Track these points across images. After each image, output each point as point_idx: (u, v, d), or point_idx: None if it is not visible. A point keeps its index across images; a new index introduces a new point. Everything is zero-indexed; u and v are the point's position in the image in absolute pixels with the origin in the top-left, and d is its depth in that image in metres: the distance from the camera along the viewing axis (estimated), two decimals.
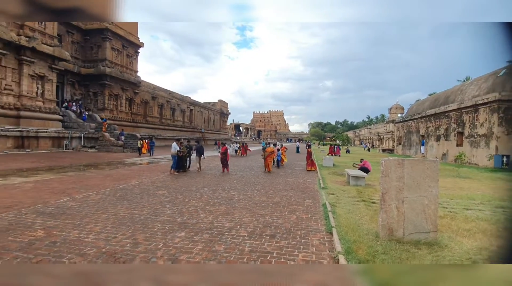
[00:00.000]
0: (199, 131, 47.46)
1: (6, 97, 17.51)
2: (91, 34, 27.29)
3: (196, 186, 8.26)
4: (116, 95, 28.41)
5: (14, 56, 17.87)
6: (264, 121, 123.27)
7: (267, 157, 12.25)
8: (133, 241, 3.81)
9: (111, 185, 7.95)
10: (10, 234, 3.97)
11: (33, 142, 18.41)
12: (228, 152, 12.74)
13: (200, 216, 5.10)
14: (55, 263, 3.14)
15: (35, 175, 9.39)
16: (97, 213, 5.13)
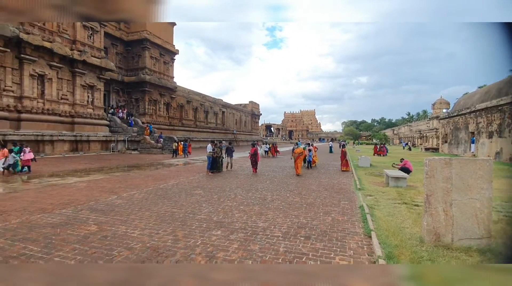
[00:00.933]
0: (232, 133, 48.50)
1: (63, 106, 19.67)
2: (132, 45, 29.46)
3: (230, 187, 8.47)
4: (155, 101, 30.28)
5: (69, 68, 20.02)
6: (295, 121, 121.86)
7: (296, 158, 11.37)
8: (174, 238, 4.04)
9: (152, 185, 8.50)
10: (69, 228, 4.46)
11: (85, 145, 20.41)
12: (258, 153, 12.80)
13: (234, 216, 5.22)
14: (103, 259, 3.44)
15: (87, 175, 10.40)
16: (141, 210, 5.53)
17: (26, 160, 10.63)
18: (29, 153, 10.80)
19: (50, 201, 6.25)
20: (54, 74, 19.01)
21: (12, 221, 4.73)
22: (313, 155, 14.32)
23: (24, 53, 16.93)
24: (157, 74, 30.56)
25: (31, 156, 10.90)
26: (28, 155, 10.75)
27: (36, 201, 6.23)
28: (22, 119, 16.87)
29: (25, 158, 10.61)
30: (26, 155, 10.67)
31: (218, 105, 45.57)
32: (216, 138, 36.13)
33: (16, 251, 3.53)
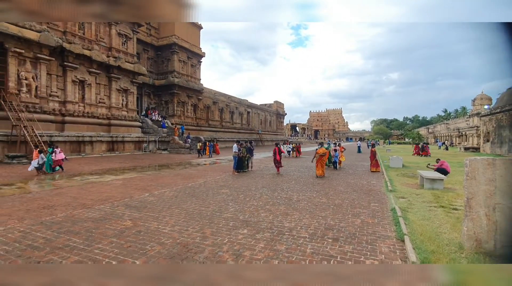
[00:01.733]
0: (257, 133, 48.74)
1: (101, 109, 21.15)
2: (162, 50, 30.82)
3: (256, 186, 8.52)
4: (183, 102, 31.40)
5: (105, 74, 21.47)
6: (321, 120, 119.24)
7: (318, 159, 10.47)
8: (202, 235, 4.17)
9: (181, 184, 8.83)
10: (107, 222, 4.79)
11: (120, 145, 21.75)
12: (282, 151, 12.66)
13: (260, 215, 5.25)
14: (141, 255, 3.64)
15: (122, 174, 11.07)
16: (171, 208, 5.77)
17: (58, 160, 11.10)
18: (60, 154, 11.26)
19: (90, 197, 6.76)
20: (93, 79, 20.51)
21: (58, 215, 5.19)
22: (339, 156, 13.66)
23: (67, 61, 18.48)
24: (185, 77, 31.65)
25: (62, 156, 11.42)
26: (59, 155, 11.20)
27: (78, 197, 6.78)
28: (65, 122, 18.42)
29: (57, 158, 11.06)
30: (58, 155, 11.12)
31: (243, 106, 46.05)
32: (241, 138, 36.53)
33: (61, 242, 3.87)
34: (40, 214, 5.21)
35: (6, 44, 15.11)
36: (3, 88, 15.34)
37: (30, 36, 15.76)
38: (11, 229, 4.36)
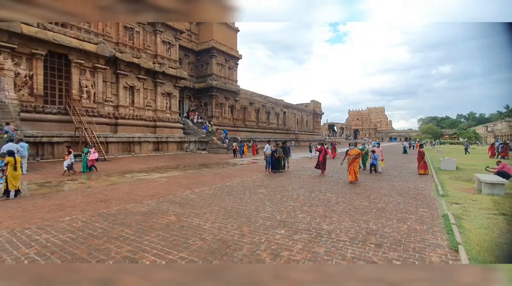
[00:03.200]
0: (293, 133, 48.22)
1: (147, 112, 22.90)
2: (201, 54, 32.24)
3: (293, 187, 8.46)
4: (221, 104, 32.46)
5: (152, 79, 23.18)
6: (361, 119, 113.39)
7: (350, 162, 9.29)
8: (240, 233, 4.28)
9: (219, 182, 9.15)
10: (154, 217, 5.18)
11: (164, 146, 23.29)
12: (328, 152, 12.19)
13: (297, 216, 5.21)
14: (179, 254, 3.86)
15: (166, 172, 11.85)
16: (211, 205, 6.02)
17: (91, 160, 11.39)
18: (94, 154, 11.55)
19: (139, 193, 7.37)
20: (141, 85, 22.29)
21: (113, 208, 5.77)
22: (379, 158, 12.02)
23: (119, 69, 20.38)
24: (223, 79, 32.68)
25: (96, 156, 11.77)
26: (93, 155, 11.50)
27: (129, 192, 7.44)
28: (118, 124, 20.32)
29: (91, 158, 11.35)
30: (91, 155, 11.39)
31: (279, 106, 45.92)
32: (277, 139, 36.51)
33: (116, 233, 4.30)
34: (98, 207, 5.85)
35: (70, 56, 17.21)
36: (68, 95, 17.50)
37: (89, 48, 17.73)
38: (75, 219, 4.97)
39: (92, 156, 11.37)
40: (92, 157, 11.40)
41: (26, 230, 4.36)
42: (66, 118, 16.77)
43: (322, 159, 11.60)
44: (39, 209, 5.61)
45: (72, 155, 10.65)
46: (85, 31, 18.07)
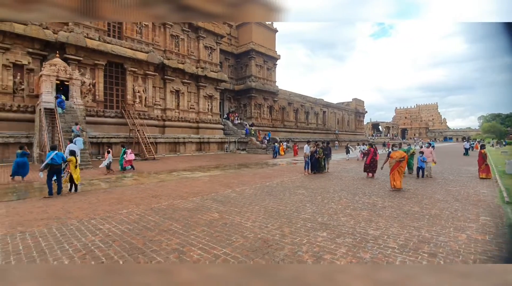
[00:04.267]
0: (333, 133, 46.56)
1: (191, 114, 24.22)
2: (241, 57, 33.02)
3: (334, 188, 8.19)
4: (260, 105, 32.83)
5: (195, 83, 24.47)
6: (410, 118, 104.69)
7: (394, 166, 8.04)
8: (281, 233, 4.30)
9: (259, 182, 9.28)
10: (198, 213, 5.48)
11: (206, 146, 24.40)
12: (377, 154, 11.18)
13: (340, 219, 5.04)
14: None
15: (209, 171, 12.40)
16: (252, 204, 6.15)
17: (129, 160, 11.80)
18: (130, 154, 11.89)
19: (185, 190, 7.85)
20: (185, 89, 23.68)
21: (162, 203, 6.24)
22: (428, 160, 10.57)
23: (166, 75, 21.94)
24: (261, 80, 33.02)
25: (133, 157, 12.11)
26: (130, 156, 11.86)
27: (176, 189, 7.97)
28: (165, 126, 21.88)
29: (128, 158, 11.75)
30: (129, 156, 11.78)
31: (319, 105, 44.74)
32: (317, 139, 35.60)
33: (166, 226, 4.64)
34: (150, 202, 6.38)
35: (125, 65, 19.05)
36: (123, 100, 19.39)
37: (141, 57, 19.41)
38: (131, 213, 5.50)
39: (129, 157, 11.79)
40: (129, 158, 11.82)
41: (91, 220, 4.97)
42: (122, 121, 18.60)
43: (370, 161, 10.93)
44: (101, 202, 6.33)
45: (110, 155, 11.41)
46: (138, 42, 19.83)
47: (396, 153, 8.31)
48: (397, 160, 8.03)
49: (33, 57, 15.48)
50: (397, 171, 7.97)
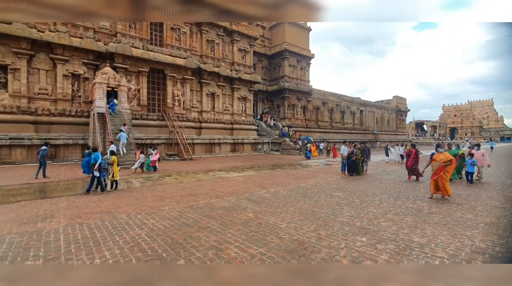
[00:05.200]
0: (371, 133, 44.19)
1: (225, 116, 24.90)
2: (274, 58, 33.06)
3: (373, 192, 7.78)
4: (293, 105, 32.51)
5: (229, 86, 25.11)
6: (460, 116, 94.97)
7: (437, 170, 6.90)
8: (317, 235, 4.22)
9: (293, 183, 9.19)
10: (234, 212, 5.61)
11: (240, 147, 24.86)
12: (419, 156, 10.33)
13: (381, 224, 4.78)
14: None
15: (243, 171, 12.62)
16: (286, 205, 6.12)
17: (153, 161, 12.08)
18: (155, 155, 12.15)
19: (221, 189, 8.10)
20: (220, 91, 24.42)
21: (200, 202, 6.52)
22: (482, 164, 9.48)
23: (202, 78, 22.86)
24: (295, 80, 32.68)
25: (157, 158, 12.32)
26: (155, 157, 12.13)
27: (212, 188, 8.26)
28: (202, 128, 22.79)
29: (153, 159, 12.06)
30: (153, 157, 12.08)
31: (356, 104, 42.83)
32: (353, 139, 34.13)
33: (204, 224, 4.84)
34: (189, 200, 6.71)
35: (165, 71, 20.28)
36: (164, 104, 20.65)
37: (180, 63, 20.50)
38: (172, 209, 5.84)
39: (154, 157, 12.12)
40: (154, 158, 12.14)
41: (138, 215, 5.38)
42: (162, 123, 19.82)
43: (411, 164, 10.17)
44: (146, 199, 6.82)
45: (142, 155, 12.09)
46: (177, 48, 20.98)
47: (440, 155, 7.11)
48: (442, 163, 6.88)
49: (88, 67, 17.26)
50: (442, 177, 6.78)
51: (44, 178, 9.94)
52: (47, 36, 15.49)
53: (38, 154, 10.19)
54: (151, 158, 12.10)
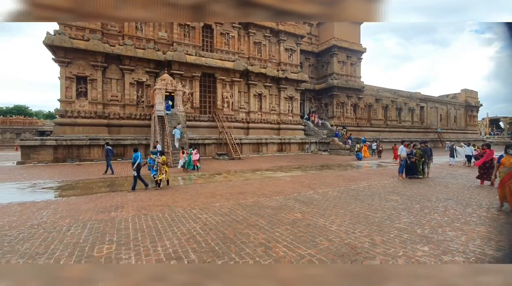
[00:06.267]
0: (434, 131, 39.56)
1: (272, 116, 25.07)
2: (321, 55, 32.06)
3: (437, 197, 6.99)
4: (342, 103, 31.04)
5: (276, 86, 25.21)
6: None
7: (505, 178, 5.88)
8: (371, 241, 3.98)
9: (343, 185, 8.80)
10: (281, 212, 5.63)
11: (286, 147, 24.76)
12: (493, 158, 8.92)
13: (447, 234, 4.28)
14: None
15: (290, 171, 12.55)
16: (336, 208, 5.91)
17: (194, 160, 12.58)
18: (195, 155, 12.62)
19: (268, 189, 8.20)
20: (267, 91, 24.69)
21: (249, 200, 6.71)
22: None
23: (250, 80, 23.42)
24: (344, 77, 31.17)
25: (197, 157, 12.77)
26: (195, 156, 12.60)
27: (260, 187, 8.42)
28: (249, 128, 23.37)
29: (194, 158, 12.52)
30: (193, 156, 12.54)
31: (415, 100, 38.84)
32: (412, 139, 31.05)
33: (252, 221, 4.98)
34: (238, 198, 6.96)
35: (215, 74, 21.37)
36: (214, 106, 21.77)
37: (229, 66, 21.36)
38: (223, 206, 6.13)
39: (194, 157, 12.61)
40: (194, 158, 12.63)
41: (193, 210, 5.80)
42: (212, 124, 20.92)
43: (482, 166, 8.88)
44: (199, 195, 7.30)
45: (185, 155, 12.68)
46: (226, 52, 21.91)
47: (510, 159, 5.91)
48: (511, 169, 5.80)
49: (149, 75, 19.21)
50: (510, 186, 5.66)
51: (111, 174, 11.38)
52: (117, 50, 17.71)
53: (106, 153, 11.63)
54: (192, 157, 12.63)
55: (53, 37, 16.08)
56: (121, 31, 18.73)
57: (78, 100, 17.38)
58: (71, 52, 16.81)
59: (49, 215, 5.46)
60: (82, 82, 17.54)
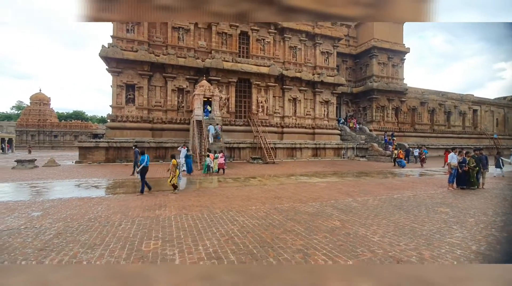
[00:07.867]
0: (490, 137, 35.43)
1: (307, 120, 24.70)
2: (360, 57, 30.83)
3: (494, 210, 6.25)
4: (383, 107, 29.41)
5: (311, 90, 24.84)
6: None
7: None
8: (418, 255, 3.71)
9: (385, 193, 8.31)
10: (319, 218, 5.51)
11: (321, 152, 24.15)
12: None
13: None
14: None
15: (325, 177, 12.22)
16: (377, 217, 5.61)
17: (220, 164, 12.91)
18: (221, 158, 12.99)
19: (303, 194, 8.09)
20: (302, 96, 24.44)
21: (284, 205, 6.68)
22: None
23: (285, 84, 23.42)
24: (385, 79, 29.55)
25: (223, 161, 13.07)
26: (221, 160, 12.96)
27: (295, 193, 8.33)
28: (283, 132, 23.30)
29: (219, 162, 12.92)
30: (219, 160, 12.94)
31: (467, 103, 35.28)
32: (463, 145, 28.21)
33: (289, 227, 4.95)
34: (273, 202, 6.98)
35: (251, 79, 21.77)
36: (249, 110, 22.15)
37: (264, 71, 21.64)
38: (259, 210, 6.20)
39: (220, 160, 13.00)
40: (220, 161, 13.00)
41: (230, 212, 5.96)
42: (247, 129, 21.29)
43: None
44: (235, 198, 7.48)
45: (209, 159, 12.92)
46: (261, 58, 22.25)
47: None
48: None
49: (189, 81, 20.28)
50: None
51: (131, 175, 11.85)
52: (161, 59, 19.05)
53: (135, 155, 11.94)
54: (218, 161, 12.99)
55: (107, 49, 17.87)
56: (165, 42, 20.11)
57: (127, 106, 19.01)
58: (122, 63, 18.49)
59: (103, 210, 6.03)
60: (130, 89, 19.15)
